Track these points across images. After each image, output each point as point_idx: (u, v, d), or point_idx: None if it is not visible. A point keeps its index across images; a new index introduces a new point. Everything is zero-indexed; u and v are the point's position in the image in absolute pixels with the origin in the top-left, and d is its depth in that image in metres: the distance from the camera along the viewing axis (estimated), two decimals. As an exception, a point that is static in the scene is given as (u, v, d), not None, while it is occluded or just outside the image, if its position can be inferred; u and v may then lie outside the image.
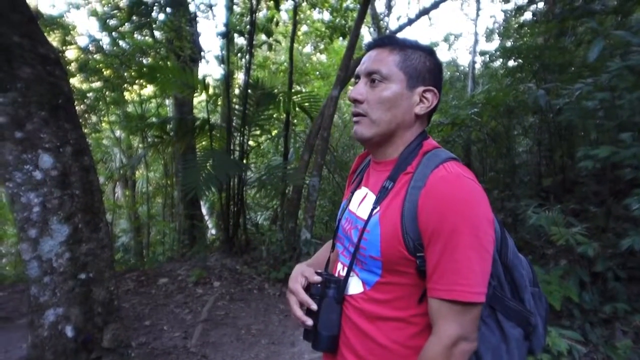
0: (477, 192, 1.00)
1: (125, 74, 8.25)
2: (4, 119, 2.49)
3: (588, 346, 3.19)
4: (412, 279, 1.05)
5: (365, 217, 1.12)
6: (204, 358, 3.73)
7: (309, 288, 1.20)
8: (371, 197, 1.17)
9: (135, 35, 8.32)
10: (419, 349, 1.02)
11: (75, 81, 8.57)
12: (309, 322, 1.17)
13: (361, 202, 1.22)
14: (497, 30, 13.41)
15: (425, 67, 1.14)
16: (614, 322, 3.34)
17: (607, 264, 3.52)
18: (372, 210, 1.11)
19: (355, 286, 1.16)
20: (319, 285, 1.18)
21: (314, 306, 1.16)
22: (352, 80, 1.25)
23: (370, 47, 1.18)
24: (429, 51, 1.17)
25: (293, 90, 7.80)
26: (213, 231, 10.48)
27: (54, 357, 2.55)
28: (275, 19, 7.78)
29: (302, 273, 1.22)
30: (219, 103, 8.23)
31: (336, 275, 1.24)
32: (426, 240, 1.00)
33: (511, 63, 6.85)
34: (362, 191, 1.24)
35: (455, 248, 0.95)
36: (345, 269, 1.18)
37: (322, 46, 11.72)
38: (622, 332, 3.24)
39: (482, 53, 9.77)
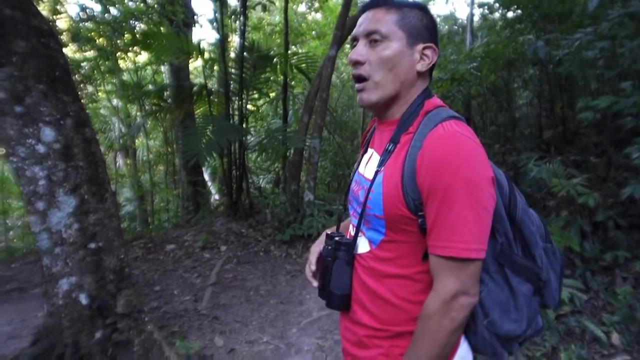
0: (474, 150, 1.01)
1: (119, 41, 8.11)
2: (2, 94, 2.48)
3: (589, 293, 3.26)
4: (415, 237, 1.08)
5: (371, 177, 1.15)
6: (215, 319, 3.84)
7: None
8: (376, 158, 1.20)
9: (127, 2, 8.13)
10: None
11: (68, 51, 8.44)
12: (314, 283, 1.30)
13: (367, 163, 1.25)
14: (495, -20, 13.06)
15: (422, 24, 1.14)
16: (614, 270, 3.40)
17: (607, 213, 3.56)
18: (377, 170, 1.14)
19: (363, 245, 1.20)
20: (329, 248, 1.24)
21: (313, 267, 1.34)
22: (350, 42, 1.22)
23: (366, 8, 1.17)
24: (424, 9, 1.17)
25: (289, 52, 7.67)
26: (216, 196, 10.54)
27: (71, 324, 2.63)
28: (268, -22, 7.59)
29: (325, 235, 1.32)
30: (216, 68, 8.12)
31: (348, 236, 1.29)
32: (424, 199, 1.02)
33: (510, 14, 6.72)
34: (369, 152, 1.28)
35: (451, 206, 0.97)
36: (354, 229, 1.23)
37: (316, 4, 11.46)
38: (622, 278, 3.31)
39: (481, 5, 9.53)
